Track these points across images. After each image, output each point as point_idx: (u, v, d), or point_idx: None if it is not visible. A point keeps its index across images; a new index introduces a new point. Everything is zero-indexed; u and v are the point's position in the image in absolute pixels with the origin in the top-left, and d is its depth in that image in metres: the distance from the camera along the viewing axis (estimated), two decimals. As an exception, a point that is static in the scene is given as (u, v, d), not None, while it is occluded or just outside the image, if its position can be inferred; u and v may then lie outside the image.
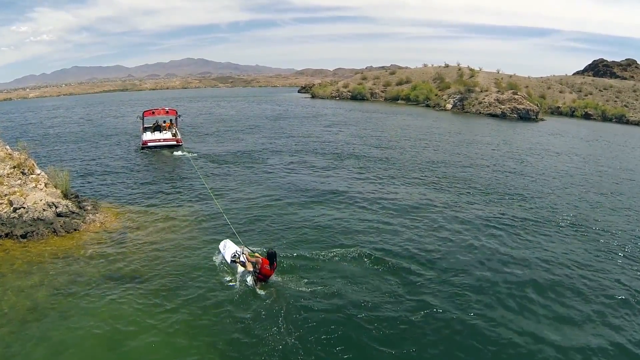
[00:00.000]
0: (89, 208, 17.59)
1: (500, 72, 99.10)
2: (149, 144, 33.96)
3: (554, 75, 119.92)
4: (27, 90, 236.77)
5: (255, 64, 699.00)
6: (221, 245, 14.70)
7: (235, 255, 13.61)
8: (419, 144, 39.28)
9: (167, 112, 38.42)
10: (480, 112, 74.22)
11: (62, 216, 16.06)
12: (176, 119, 38.66)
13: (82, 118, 65.44)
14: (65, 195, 17.69)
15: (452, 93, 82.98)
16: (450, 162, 31.65)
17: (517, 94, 76.75)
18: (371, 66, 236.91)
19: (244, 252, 13.44)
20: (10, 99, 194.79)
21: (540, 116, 74.47)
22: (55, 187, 17.67)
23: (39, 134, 45.62)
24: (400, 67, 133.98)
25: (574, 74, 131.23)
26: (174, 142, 34.36)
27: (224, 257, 14.16)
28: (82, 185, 23.13)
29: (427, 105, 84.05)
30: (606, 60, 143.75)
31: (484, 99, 77.28)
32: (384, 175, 26.73)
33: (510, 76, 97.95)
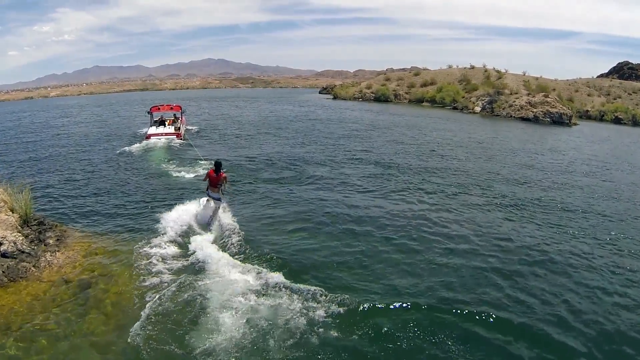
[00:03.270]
0: (50, 242, 12.45)
1: (526, 74, 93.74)
2: (152, 138, 35.10)
3: (580, 78, 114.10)
4: (49, 89, 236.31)
5: (275, 64, 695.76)
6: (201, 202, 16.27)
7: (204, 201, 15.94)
8: (460, 152, 33.21)
9: (172, 108, 40.42)
10: (511, 116, 68.13)
11: (7, 257, 11.03)
12: (181, 114, 40.17)
13: (91, 118, 61.76)
14: (26, 222, 12.67)
15: (481, 95, 76.90)
16: (505, 176, 25.81)
17: (549, 97, 71.40)
18: (392, 68, 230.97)
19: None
20: (32, 97, 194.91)
21: (573, 120, 68.86)
22: (12, 210, 12.71)
23: (37, 136, 41.03)
24: (421, 69, 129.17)
25: (598, 77, 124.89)
26: (174, 136, 35.55)
27: (200, 204, 16.12)
28: (57, 203, 18.19)
29: (454, 108, 78.18)
30: (631, 63, 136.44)
31: (514, 101, 71.11)
32: (432, 193, 21.12)
33: (537, 78, 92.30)
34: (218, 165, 15.23)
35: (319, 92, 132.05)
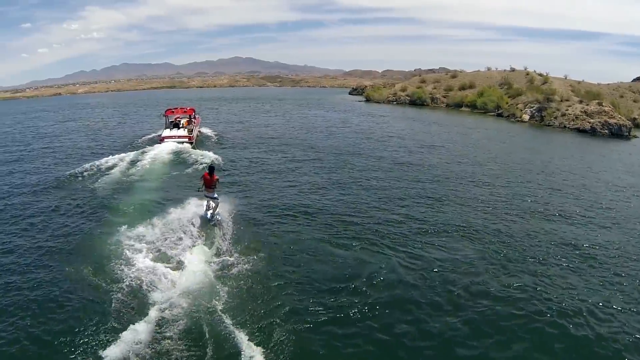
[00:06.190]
0: None
1: (568, 78, 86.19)
2: (165, 140, 35.04)
3: (622, 82, 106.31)
4: (77, 85, 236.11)
5: (303, 63, 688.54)
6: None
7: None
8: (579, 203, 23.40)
9: (185, 111, 41.27)
10: (565, 126, 60.26)
11: None
12: (195, 115, 41.23)
13: (94, 123, 57.91)
14: None
15: (529, 102, 68.80)
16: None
17: (604, 105, 64.11)
18: (420, 68, 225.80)
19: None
20: (60, 94, 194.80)
21: (632, 132, 59.83)
22: None
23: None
24: (451, 70, 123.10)
25: (633, 81, 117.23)
26: (187, 140, 35.34)
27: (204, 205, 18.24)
28: None
29: (499, 115, 70.31)
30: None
31: (566, 110, 63.90)
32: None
33: (579, 82, 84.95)
34: (212, 169, 17.66)
35: (349, 93, 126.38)
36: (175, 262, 14.25)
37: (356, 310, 11.94)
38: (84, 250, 15.54)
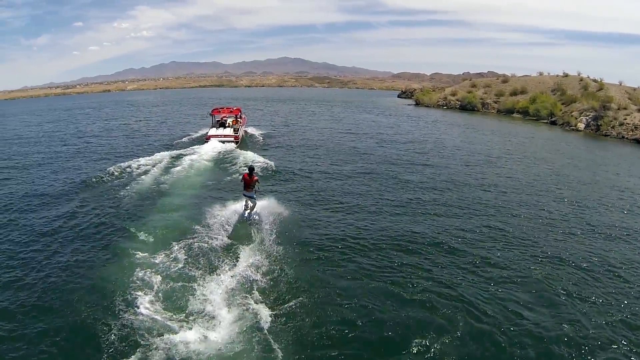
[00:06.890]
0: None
1: (622, 85, 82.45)
2: (211, 139, 36.03)
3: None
4: (126, 82, 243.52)
5: (351, 65, 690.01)
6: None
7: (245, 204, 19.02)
8: None
9: (232, 111, 42.41)
10: (623, 137, 58.09)
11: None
12: (240, 116, 42.31)
13: (135, 122, 59.70)
14: None
15: (585, 110, 67.12)
16: None
17: (665, 114, 61.21)
18: (468, 72, 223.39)
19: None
20: (109, 90, 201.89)
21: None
22: None
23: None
24: (497, 74, 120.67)
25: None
26: (232, 139, 36.33)
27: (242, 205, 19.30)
28: None
29: (552, 123, 69.05)
30: None
31: (624, 119, 61.58)
32: None
33: (635, 89, 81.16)
34: (251, 170, 18.72)
35: (398, 96, 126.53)
36: (191, 309, 12.07)
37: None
38: (83, 284, 13.64)
